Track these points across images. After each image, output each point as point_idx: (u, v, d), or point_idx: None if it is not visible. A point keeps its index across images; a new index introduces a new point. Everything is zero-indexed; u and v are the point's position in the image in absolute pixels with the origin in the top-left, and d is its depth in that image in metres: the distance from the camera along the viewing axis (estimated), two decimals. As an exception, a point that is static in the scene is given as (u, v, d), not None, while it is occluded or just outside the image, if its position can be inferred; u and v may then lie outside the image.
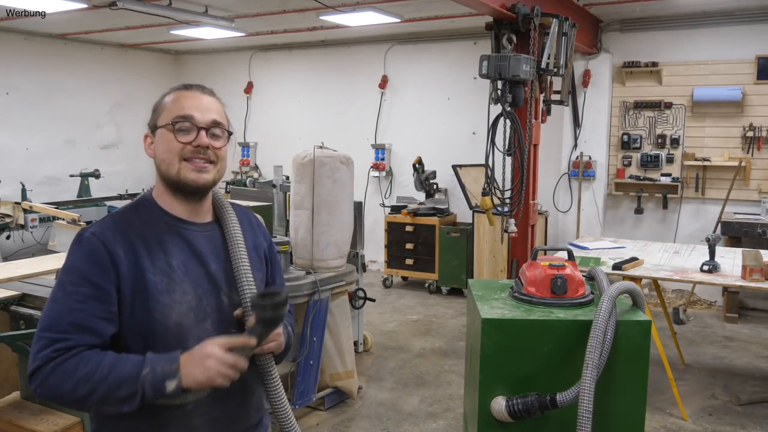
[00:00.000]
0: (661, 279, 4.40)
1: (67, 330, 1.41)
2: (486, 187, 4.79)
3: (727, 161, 6.59)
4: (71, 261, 1.48)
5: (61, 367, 1.40)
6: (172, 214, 1.57)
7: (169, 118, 1.53)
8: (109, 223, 1.53)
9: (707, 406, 4.44)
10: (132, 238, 1.50)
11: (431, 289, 7.44)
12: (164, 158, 1.53)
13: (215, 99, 1.61)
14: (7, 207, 5.64)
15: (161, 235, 1.54)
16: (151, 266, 1.49)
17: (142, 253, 1.49)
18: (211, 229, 1.63)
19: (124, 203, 6.87)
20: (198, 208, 1.60)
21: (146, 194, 1.62)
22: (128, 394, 1.39)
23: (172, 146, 1.52)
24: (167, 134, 1.53)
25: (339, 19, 6.69)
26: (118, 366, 1.41)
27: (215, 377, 1.41)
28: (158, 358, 1.42)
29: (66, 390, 1.40)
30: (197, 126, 1.53)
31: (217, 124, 1.56)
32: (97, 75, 9.02)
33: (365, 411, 4.33)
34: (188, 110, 1.53)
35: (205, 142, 1.53)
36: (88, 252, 1.46)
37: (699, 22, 6.62)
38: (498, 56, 4.57)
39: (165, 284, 1.49)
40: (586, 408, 1.89)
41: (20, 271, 3.55)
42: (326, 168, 4.21)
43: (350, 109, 8.65)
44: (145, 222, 1.54)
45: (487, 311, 2.13)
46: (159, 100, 1.60)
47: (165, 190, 1.58)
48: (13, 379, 3.44)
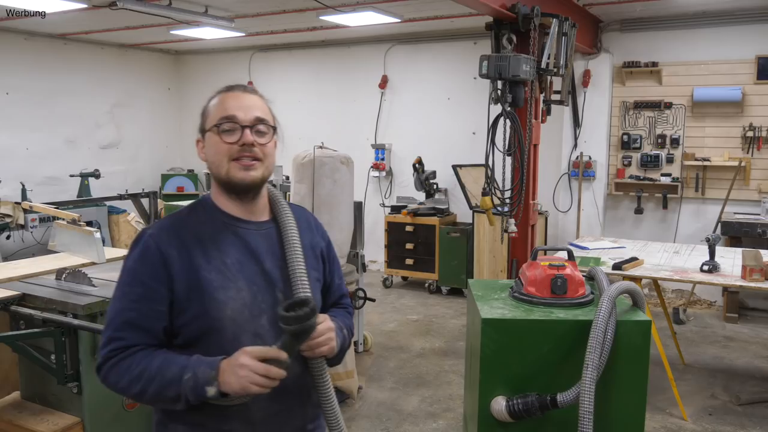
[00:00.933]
0: (661, 279, 4.40)
1: (121, 328, 1.52)
2: (486, 187, 4.79)
3: (727, 161, 6.59)
4: (128, 261, 1.58)
5: (117, 367, 1.51)
6: (228, 213, 1.63)
7: (214, 121, 1.58)
8: (165, 225, 1.61)
9: (707, 406, 4.44)
10: (187, 238, 1.57)
11: (431, 289, 7.44)
12: (214, 160, 1.59)
13: (258, 96, 1.65)
14: (7, 207, 5.63)
15: (217, 233, 1.59)
16: (206, 264, 1.55)
17: (197, 252, 1.55)
18: (267, 228, 1.67)
19: (124, 203, 6.90)
20: (253, 206, 1.65)
21: (205, 195, 1.69)
22: (174, 395, 1.47)
23: (220, 148, 1.57)
24: (214, 137, 1.58)
25: (339, 19, 6.69)
26: (164, 368, 1.49)
27: (248, 386, 1.44)
28: (200, 363, 1.48)
29: (123, 387, 1.52)
30: (241, 125, 1.56)
31: (260, 120, 1.59)
32: (97, 75, 9.02)
33: (365, 411, 4.33)
34: (231, 110, 1.57)
35: (250, 140, 1.56)
36: (142, 253, 1.55)
37: (699, 22, 6.62)
38: (498, 56, 4.57)
39: (219, 281, 1.54)
40: (587, 409, 1.89)
41: (20, 271, 3.54)
42: (326, 168, 4.20)
43: (350, 109, 8.65)
44: (201, 222, 1.61)
45: (487, 311, 2.13)
46: (205, 105, 1.65)
47: (220, 190, 1.64)
48: (13, 379, 3.43)
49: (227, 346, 1.52)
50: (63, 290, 3.21)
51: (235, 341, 1.52)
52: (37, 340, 3.03)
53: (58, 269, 3.43)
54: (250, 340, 1.54)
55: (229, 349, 1.51)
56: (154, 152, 9.75)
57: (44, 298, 3.09)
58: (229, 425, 1.57)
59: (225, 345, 1.52)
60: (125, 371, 1.50)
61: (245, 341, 1.53)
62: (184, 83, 10.12)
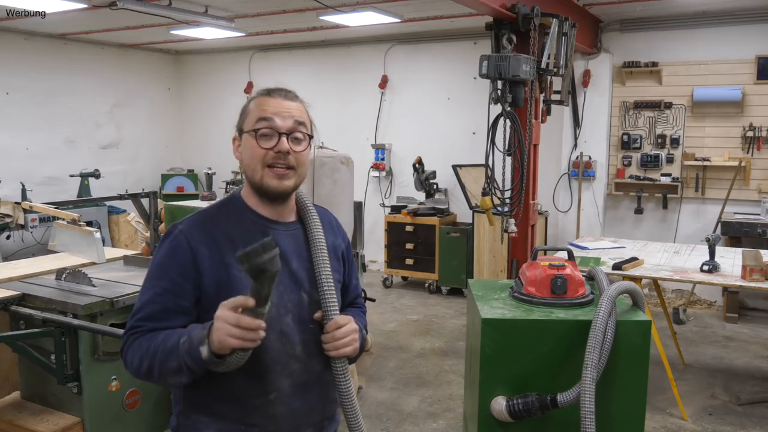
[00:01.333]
0: (661, 279, 4.40)
1: (144, 318, 1.55)
2: (486, 187, 4.79)
3: (727, 161, 6.59)
4: (158, 254, 1.61)
5: (132, 345, 1.55)
6: (259, 213, 1.65)
7: (252, 124, 1.60)
8: (196, 221, 1.63)
9: (707, 406, 4.44)
10: (217, 236, 1.59)
11: (431, 289, 7.44)
12: (249, 164, 1.61)
13: (298, 103, 1.67)
14: (7, 207, 5.63)
15: (247, 232, 1.61)
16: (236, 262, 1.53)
17: (227, 249, 1.57)
18: (294, 229, 1.70)
19: (124, 203, 6.89)
20: (282, 209, 1.68)
21: (235, 192, 1.71)
22: (176, 366, 1.47)
23: (256, 152, 1.59)
24: (251, 140, 1.60)
25: (339, 19, 6.69)
26: (166, 339, 1.50)
27: (225, 339, 1.39)
28: (195, 327, 1.48)
29: (136, 366, 1.54)
30: (278, 132, 1.59)
31: (299, 124, 1.62)
32: (97, 75, 9.02)
33: (365, 411, 4.33)
34: (270, 116, 1.59)
35: (286, 147, 1.58)
36: (172, 248, 1.58)
37: (699, 22, 6.62)
38: (498, 56, 4.57)
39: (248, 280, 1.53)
40: (588, 409, 1.89)
41: (20, 271, 3.54)
42: (326, 168, 4.21)
43: (350, 109, 8.65)
44: (232, 219, 1.63)
45: (487, 311, 2.13)
46: (245, 104, 1.67)
47: (251, 191, 1.66)
48: (13, 379, 3.43)
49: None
50: (63, 290, 3.21)
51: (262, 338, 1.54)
52: (37, 340, 3.03)
53: (58, 269, 3.43)
54: (276, 337, 1.57)
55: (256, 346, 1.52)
56: (154, 152, 9.74)
57: (44, 298, 3.09)
58: (252, 419, 1.59)
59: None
60: (136, 348, 1.53)
61: (271, 339, 1.55)
62: (184, 83, 10.11)
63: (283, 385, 1.60)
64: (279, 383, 1.59)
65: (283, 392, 1.59)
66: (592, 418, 1.88)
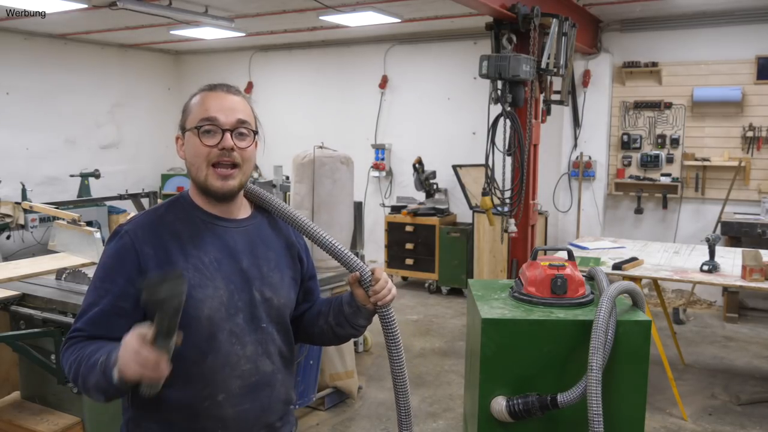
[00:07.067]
0: (661, 279, 4.40)
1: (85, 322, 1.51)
2: (486, 187, 4.79)
3: (727, 161, 6.59)
4: (103, 256, 1.57)
5: (68, 350, 1.50)
6: (207, 211, 1.62)
7: (195, 121, 1.56)
8: (143, 221, 1.59)
9: (707, 406, 4.44)
10: (164, 236, 1.55)
11: (431, 289, 7.44)
12: (193, 162, 1.57)
13: (241, 98, 1.63)
14: (7, 207, 5.63)
15: (196, 232, 1.58)
16: (184, 262, 1.53)
17: (175, 249, 1.54)
18: (247, 225, 1.66)
19: (124, 203, 6.89)
20: (231, 207, 1.64)
21: (184, 192, 1.67)
22: (95, 382, 1.40)
23: (199, 150, 1.55)
24: (194, 138, 1.56)
25: (339, 19, 6.69)
26: (93, 353, 1.43)
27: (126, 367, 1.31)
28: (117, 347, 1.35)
29: (67, 371, 1.49)
30: (221, 128, 1.55)
31: (242, 123, 1.57)
32: (97, 75, 9.02)
33: (365, 411, 4.33)
34: (212, 112, 1.55)
35: (230, 144, 1.54)
36: (117, 249, 1.54)
37: (699, 22, 6.62)
38: (498, 56, 4.57)
39: (197, 280, 1.52)
40: (596, 411, 1.89)
41: (20, 271, 3.55)
42: (326, 168, 4.20)
43: (350, 109, 8.64)
44: (180, 219, 1.59)
45: (487, 311, 2.13)
46: (187, 102, 1.63)
47: (197, 190, 1.62)
48: (13, 379, 3.43)
49: (203, 345, 1.52)
50: (63, 290, 3.21)
51: (211, 339, 1.52)
52: (37, 340, 3.03)
53: (58, 269, 3.43)
54: (226, 338, 1.54)
55: (204, 347, 1.51)
56: (154, 152, 9.73)
57: (44, 298, 3.09)
58: (201, 423, 1.55)
59: (201, 344, 1.52)
60: (70, 355, 1.48)
61: (221, 339, 1.53)
62: (184, 83, 10.10)
63: (232, 386, 1.55)
64: (228, 384, 1.55)
65: (232, 393, 1.55)
66: (600, 420, 1.88)
